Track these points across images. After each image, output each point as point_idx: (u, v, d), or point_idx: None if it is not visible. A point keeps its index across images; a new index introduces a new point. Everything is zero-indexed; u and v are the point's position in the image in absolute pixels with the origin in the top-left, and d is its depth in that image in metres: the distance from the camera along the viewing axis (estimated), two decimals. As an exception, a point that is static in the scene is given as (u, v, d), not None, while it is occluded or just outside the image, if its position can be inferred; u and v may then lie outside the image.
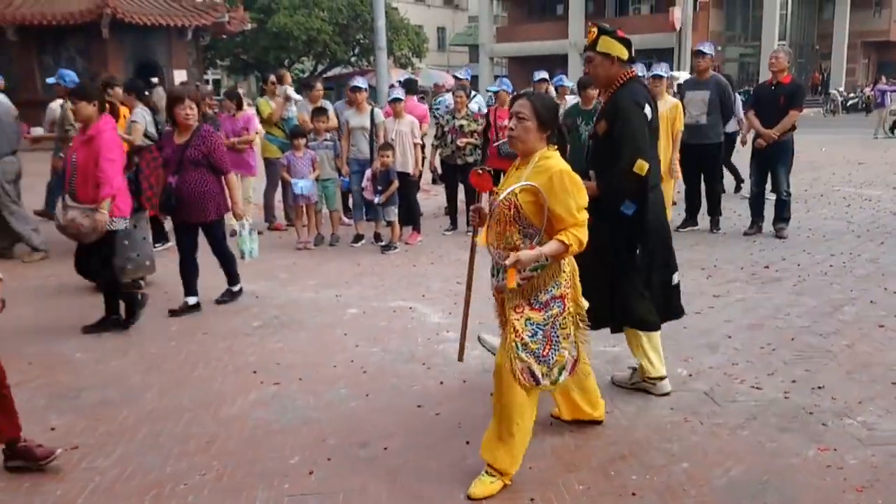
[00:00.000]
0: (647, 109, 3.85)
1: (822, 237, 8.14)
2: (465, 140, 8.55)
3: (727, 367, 4.56)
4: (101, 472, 3.44)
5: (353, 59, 36.08)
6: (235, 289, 6.20)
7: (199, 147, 5.66)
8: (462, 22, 53.46)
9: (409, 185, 8.22)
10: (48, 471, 3.43)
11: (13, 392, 4.36)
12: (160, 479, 3.37)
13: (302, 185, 7.94)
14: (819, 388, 4.21)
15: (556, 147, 3.30)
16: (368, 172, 7.94)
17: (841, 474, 3.30)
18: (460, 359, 3.76)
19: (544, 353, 3.20)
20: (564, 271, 3.24)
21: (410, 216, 8.43)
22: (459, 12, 54.27)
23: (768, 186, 8.28)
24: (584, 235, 3.15)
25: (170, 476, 3.40)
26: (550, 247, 3.11)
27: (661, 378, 4.13)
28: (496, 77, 9.18)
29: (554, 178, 3.12)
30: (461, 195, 8.83)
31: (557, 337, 3.23)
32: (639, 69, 8.60)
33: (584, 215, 3.17)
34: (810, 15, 43.93)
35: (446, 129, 8.70)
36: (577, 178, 3.18)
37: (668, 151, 7.80)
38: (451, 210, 9.00)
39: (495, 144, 8.04)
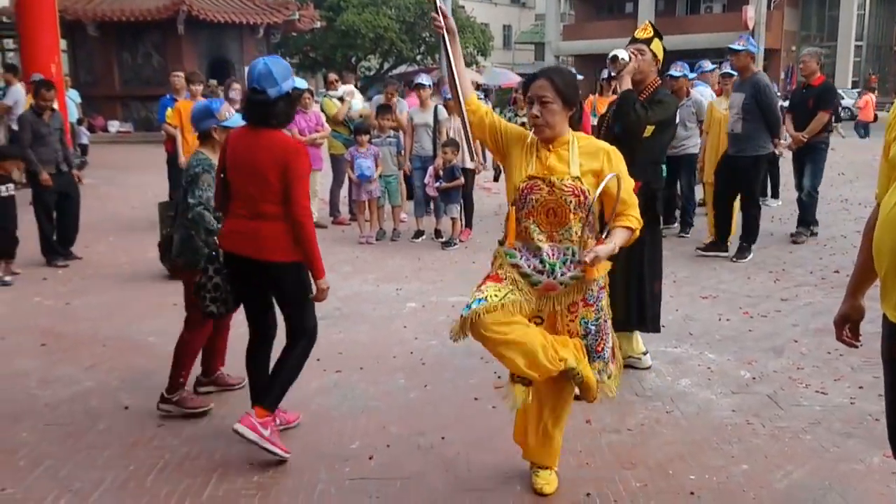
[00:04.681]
0: None
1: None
2: None
3: (792, 371, 4.48)
4: (171, 450, 3.58)
5: (418, 57, 36.34)
6: None
7: None
8: (528, 20, 53.24)
9: (467, 180, 8.26)
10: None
11: (89, 373, 4.58)
12: (226, 459, 3.49)
13: (362, 164, 8.00)
14: (888, 395, 4.09)
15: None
16: (431, 169, 8.02)
17: (907, 483, 3.21)
18: None
19: (598, 349, 2.98)
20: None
21: (464, 212, 8.48)
22: (526, 10, 54.08)
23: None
24: (639, 214, 2.93)
25: (235, 455, 3.51)
26: (621, 237, 2.83)
27: (645, 353, 4.52)
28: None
29: (612, 155, 2.86)
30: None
31: (607, 329, 3.04)
32: (683, 68, 8.36)
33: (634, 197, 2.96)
34: (890, 14, 42.26)
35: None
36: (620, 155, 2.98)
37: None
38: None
39: None
